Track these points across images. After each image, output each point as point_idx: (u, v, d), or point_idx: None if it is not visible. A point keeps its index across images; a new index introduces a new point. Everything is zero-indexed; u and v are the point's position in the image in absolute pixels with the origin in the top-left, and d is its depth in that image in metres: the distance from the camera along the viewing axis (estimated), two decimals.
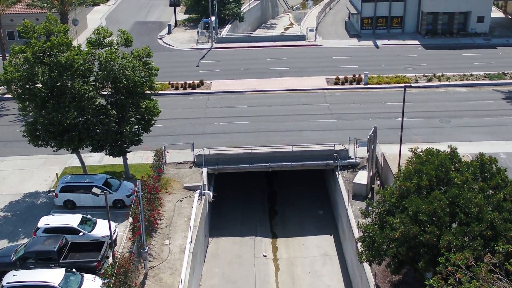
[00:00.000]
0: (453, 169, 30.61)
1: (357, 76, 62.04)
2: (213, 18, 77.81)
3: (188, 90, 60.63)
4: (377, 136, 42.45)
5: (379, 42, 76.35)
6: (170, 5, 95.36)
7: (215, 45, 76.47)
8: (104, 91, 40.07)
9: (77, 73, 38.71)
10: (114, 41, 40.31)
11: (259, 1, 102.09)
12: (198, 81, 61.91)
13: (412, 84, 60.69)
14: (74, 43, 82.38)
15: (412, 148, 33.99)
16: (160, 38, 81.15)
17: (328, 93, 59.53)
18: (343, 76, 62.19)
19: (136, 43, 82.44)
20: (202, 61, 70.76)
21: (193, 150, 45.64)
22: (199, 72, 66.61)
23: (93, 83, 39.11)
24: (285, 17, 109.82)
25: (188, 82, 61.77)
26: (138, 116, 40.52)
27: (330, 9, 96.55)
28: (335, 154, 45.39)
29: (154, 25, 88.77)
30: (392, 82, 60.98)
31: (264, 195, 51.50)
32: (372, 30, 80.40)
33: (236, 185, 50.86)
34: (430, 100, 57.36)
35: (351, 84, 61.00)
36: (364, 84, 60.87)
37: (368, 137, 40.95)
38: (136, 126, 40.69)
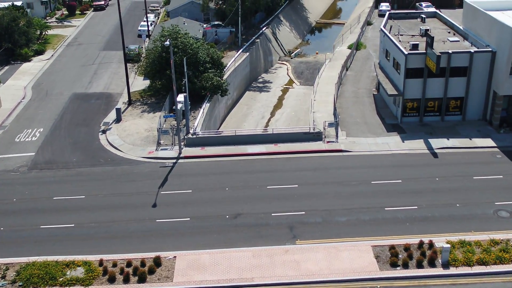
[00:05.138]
0: None
1: (426, 242, 36.11)
2: (181, 98, 50.41)
3: (132, 284, 33.97)
4: None
5: (433, 142, 50.31)
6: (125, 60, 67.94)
7: (185, 150, 49.77)
8: None
9: None
10: None
11: (248, 53, 75.72)
12: (152, 257, 35.44)
13: None
14: None
15: None
16: (104, 132, 54.16)
17: None
18: (402, 243, 36.13)
19: (64, 149, 49.22)
20: (163, 192, 44.05)
21: None
22: (157, 223, 39.99)
23: None
24: (282, 68, 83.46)
25: (134, 259, 35.30)
26: None
27: (347, 69, 69.93)
28: None
29: (99, 102, 61.76)
30: (491, 262, 34.80)
31: None
32: (419, 117, 54.44)
33: None
34: None
35: (419, 265, 34.72)
36: (443, 267, 34.68)
37: None
38: None
